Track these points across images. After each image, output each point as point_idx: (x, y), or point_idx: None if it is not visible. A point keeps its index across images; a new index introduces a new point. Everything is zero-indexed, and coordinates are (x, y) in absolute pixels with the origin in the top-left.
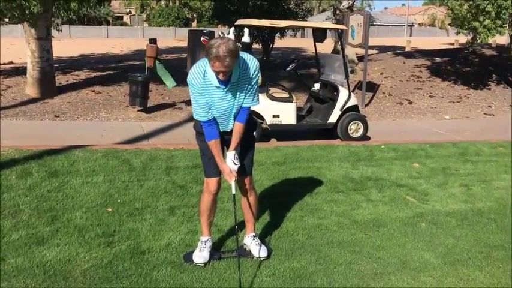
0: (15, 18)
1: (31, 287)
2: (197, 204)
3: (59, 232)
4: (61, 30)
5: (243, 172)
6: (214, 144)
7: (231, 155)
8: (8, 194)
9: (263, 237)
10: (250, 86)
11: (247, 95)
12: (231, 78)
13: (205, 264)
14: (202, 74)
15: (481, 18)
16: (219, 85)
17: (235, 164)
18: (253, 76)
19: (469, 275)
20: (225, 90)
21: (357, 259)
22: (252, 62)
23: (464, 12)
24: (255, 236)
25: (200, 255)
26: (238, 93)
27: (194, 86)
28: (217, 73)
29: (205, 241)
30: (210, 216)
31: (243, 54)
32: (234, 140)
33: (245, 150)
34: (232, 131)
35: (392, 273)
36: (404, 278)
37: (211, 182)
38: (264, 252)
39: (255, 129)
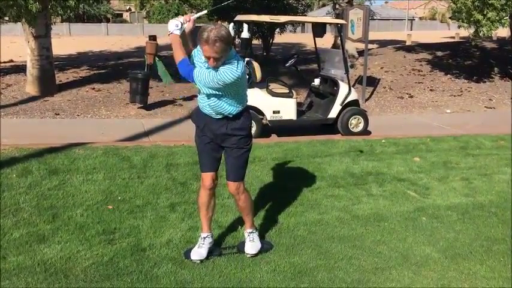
0: (13, 17)
1: (32, 285)
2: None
3: (60, 230)
4: (52, 27)
5: (232, 178)
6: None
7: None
8: (9, 193)
9: (263, 232)
10: (211, 72)
11: (208, 71)
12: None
13: (201, 261)
14: None
15: (485, 11)
16: (203, 62)
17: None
18: (219, 73)
19: (470, 268)
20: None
21: (357, 254)
22: (231, 70)
23: (469, 5)
24: (250, 232)
25: (197, 252)
26: None
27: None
28: (207, 58)
29: (205, 237)
30: (208, 211)
31: (237, 61)
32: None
33: (235, 155)
34: (208, 117)
35: (393, 267)
36: (405, 272)
37: (205, 177)
38: (251, 250)
39: (249, 130)
